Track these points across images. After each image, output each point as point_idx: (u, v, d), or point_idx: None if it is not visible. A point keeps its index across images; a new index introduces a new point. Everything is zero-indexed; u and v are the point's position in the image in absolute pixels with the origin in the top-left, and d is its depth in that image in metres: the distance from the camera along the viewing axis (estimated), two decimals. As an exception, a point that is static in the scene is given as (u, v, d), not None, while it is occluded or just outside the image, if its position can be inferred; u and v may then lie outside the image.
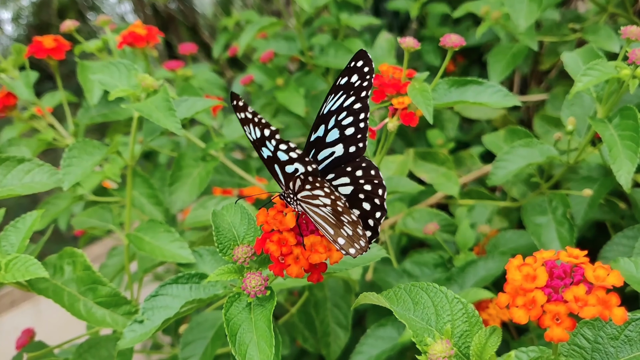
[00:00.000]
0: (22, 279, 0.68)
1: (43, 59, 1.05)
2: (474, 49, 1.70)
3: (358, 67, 0.60)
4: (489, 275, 0.96)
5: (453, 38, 0.79)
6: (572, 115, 0.94)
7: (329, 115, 0.61)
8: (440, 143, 1.47)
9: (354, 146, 0.61)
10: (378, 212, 0.59)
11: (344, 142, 0.61)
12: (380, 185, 0.59)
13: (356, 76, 0.60)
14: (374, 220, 0.59)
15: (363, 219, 0.59)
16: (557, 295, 0.44)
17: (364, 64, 0.60)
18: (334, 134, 0.61)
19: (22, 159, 0.78)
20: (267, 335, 0.57)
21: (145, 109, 0.76)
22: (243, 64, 2.06)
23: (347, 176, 0.61)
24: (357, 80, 0.60)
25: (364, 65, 0.60)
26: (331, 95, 0.61)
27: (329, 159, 0.62)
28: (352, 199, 0.60)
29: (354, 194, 0.60)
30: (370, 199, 0.59)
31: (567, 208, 0.94)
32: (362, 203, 0.60)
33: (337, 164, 0.62)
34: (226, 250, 0.64)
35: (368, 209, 0.60)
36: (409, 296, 0.55)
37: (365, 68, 0.60)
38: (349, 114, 0.61)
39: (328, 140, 0.62)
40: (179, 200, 1.04)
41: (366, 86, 0.60)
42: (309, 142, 0.62)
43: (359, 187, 0.60)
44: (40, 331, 0.99)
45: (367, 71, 0.60)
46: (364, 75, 0.60)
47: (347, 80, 0.61)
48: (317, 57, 1.42)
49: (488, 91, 0.85)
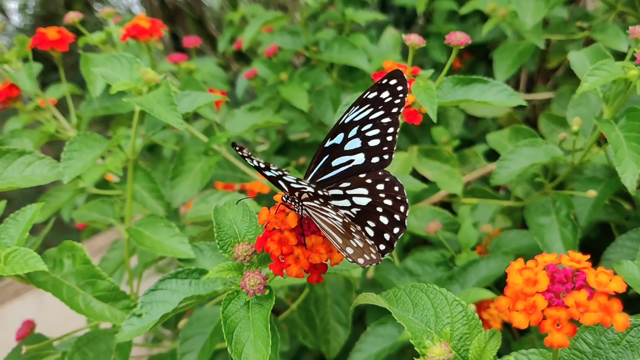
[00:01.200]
0: (21, 272, 0.68)
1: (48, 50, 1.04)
2: (480, 46, 1.69)
3: (391, 85, 0.61)
4: (490, 275, 0.95)
5: (459, 36, 0.78)
6: (578, 115, 0.93)
7: (351, 125, 0.62)
8: (444, 140, 1.46)
9: (377, 157, 0.61)
10: (397, 227, 0.59)
11: (366, 152, 0.62)
12: (403, 202, 0.59)
13: (387, 93, 0.61)
14: (391, 235, 0.59)
15: (379, 232, 0.59)
16: (558, 301, 0.43)
17: (398, 83, 0.61)
18: (354, 142, 0.62)
19: (23, 151, 0.78)
20: (264, 334, 0.56)
21: (147, 103, 0.76)
22: (249, 57, 2.05)
23: (366, 188, 0.61)
24: (388, 97, 0.61)
25: (397, 84, 0.61)
26: (355, 107, 0.62)
27: (345, 166, 0.62)
28: (368, 211, 0.60)
29: (371, 206, 0.60)
30: (389, 214, 0.59)
31: (570, 209, 0.93)
32: (380, 216, 0.59)
33: (354, 173, 0.62)
34: (226, 247, 0.63)
35: (385, 223, 0.59)
36: (408, 297, 0.55)
37: (399, 87, 0.61)
38: (376, 126, 0.61)
39: (347, 148, 0.62)
40: (180, 195, 1.03)
41: (398, 103, 0.61)
42: (324, 147, 0.63)
43: (377, 201, 0.60)
44: (43, 321, 0.99)
45: (401, 90, 0.61)
46: (396, 93, 0.61)
47: (377, 95, 0.61)
48: (321, 52, 1.41)
49: (493, 90, 0.84)
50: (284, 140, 1.65)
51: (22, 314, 1.89)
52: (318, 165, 0.63)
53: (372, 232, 0.59)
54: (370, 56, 1.46)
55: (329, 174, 0.63)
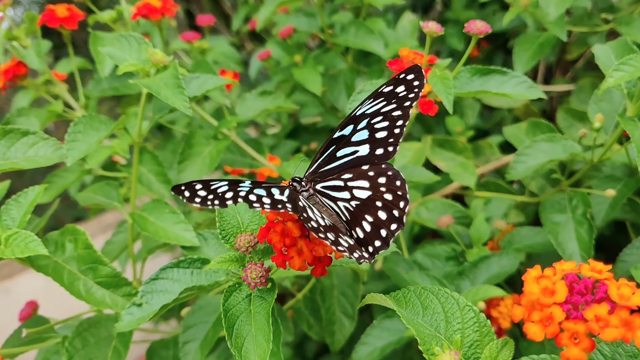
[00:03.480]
0: (21, 255, 0.66)
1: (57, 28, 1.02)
2: (499, 35, 1.64)
3: (408, 79, 0.60)
4: (501, 272, 0.92)
5: (478, 25, 0.75)
6: (600, 111, 0.89)
7: (362, 117, 0.61)
8: (459, 130, 1.43)
9: (382, 149, 0.60)
10: (394, 224, 0.57)
11: (372, 143, 0.60)
12: (403, 197, 0.57)
13: (403, 87, 0.60)
14: (388, 231, 0.57)
15: (375, 228, 0.57)
16: (576, 313, 0.41)
17: (415, 78, 0.59)
18: (362, 134, 0.61)
19: (27, 131, 0.76)
20: (265, 329, 0.54)
21: (154, 85, 0.74)
22: (264, 37, 2.02)
23: (368, 180, 0.59)
24: (403, 91, 0.60)
25: (414, 79, 0.59)
26: (369, 100, 0.60)
27: (349, 157, 0.61)
28: (367, 205, 0.58)
29: (371, 200, 0.58)
30: (388, 209, 0.57)
31: (587, 208, 0.90)
32: (378, 211, 0.58)
33: (357, 164, 0.61)
34: (229, 238, 0.61)
35: (384, 219, 0.57)
36: (418, 300, 0.52)
37: (416, 82, 0.60)
38: (386, 119, 0.60)
39: (354, 139, 0.61)
40: (187, 179, 1.01)
41: (412, 97, 0.59)
42: (332, 138, 0.61)
43: (378, 194, 0.58)
44: (51, 295, 0.98)
45: (417, 85, 0.59)
46: (412, 87, 0.60)
47: (392, 90, 0.60)
48: (337, 36, 1.38)
49: (512, 82, 0.81)
50: (296, 124, 1.62)
51: (31, 286, 1.89)
52: (323, 155, 0.62)
53: (369, 227, 0.57)
54: (386, 41, 1.42)
55: (332, 164, 0.62)
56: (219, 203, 0.52)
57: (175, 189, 0.52)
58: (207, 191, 0.53)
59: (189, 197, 0.52)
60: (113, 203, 0.89)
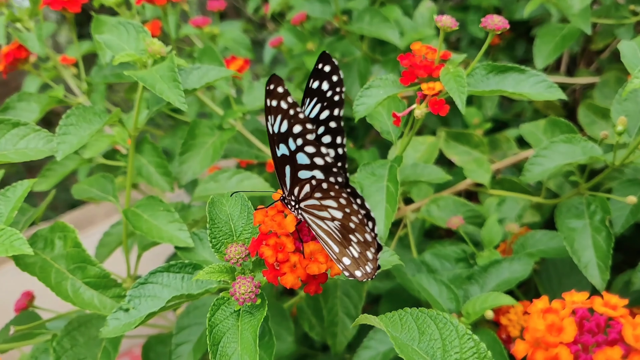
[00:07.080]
0: (5, 254, 0.63)
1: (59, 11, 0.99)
2: (521, 23, 1.58)
3: (326, 72, 0.52)
4: (512, 279, 0.88)
5: (495, 20, 0.70)
6: (624, 111, 0.84)
7: None
8: (476, 122, 1.38)
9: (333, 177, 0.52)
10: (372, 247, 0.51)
11: None
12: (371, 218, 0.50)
13: (326, 84, 0.52)
14: (372, 254, 0.52)
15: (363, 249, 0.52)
16: (585, 356, 0.37)
17: (332, 70, 0.52)
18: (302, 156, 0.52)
19: (17, 122, 0.72)
20: (251, 348, 0.51)
21: (149, 78, 0.70)
22: (279, 22, 1.97)
23: (333, 199, 0.51)
24: (328, 90, 0.52)
25: (331, 73, 0.52)
26: (307, 100, 0.53)
27: None
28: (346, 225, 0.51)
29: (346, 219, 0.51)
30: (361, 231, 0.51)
31: (606, 214, 0.85)
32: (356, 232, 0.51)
33: None
34: (220, 246, 0.58)
35: (368, 240, 0.51)
36: (415, 323, 0.48)
37: (334, 77, 0.52)
38: (327, 131, 0.53)
39: None
40: (189, 171, 0.98)
41: (338, 102, 0.52)
42: None
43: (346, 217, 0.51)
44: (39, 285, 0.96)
45: (336, 81, 0.52)
46: (334, 85, 0.52)
47: (319, 86, 0.52)
48: (351, 23, 1.33)
49: (530, 80, 0.76)
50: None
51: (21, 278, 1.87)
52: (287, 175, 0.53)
53: (358, 248, 0.52)
54: (402, 30, 1.37)
55: None
56: None
57: (274, 80, 0.47)
58: (290, 107, 0.47)
59: (280, 94, 0.47)
60: (108, 197, 0.86)
